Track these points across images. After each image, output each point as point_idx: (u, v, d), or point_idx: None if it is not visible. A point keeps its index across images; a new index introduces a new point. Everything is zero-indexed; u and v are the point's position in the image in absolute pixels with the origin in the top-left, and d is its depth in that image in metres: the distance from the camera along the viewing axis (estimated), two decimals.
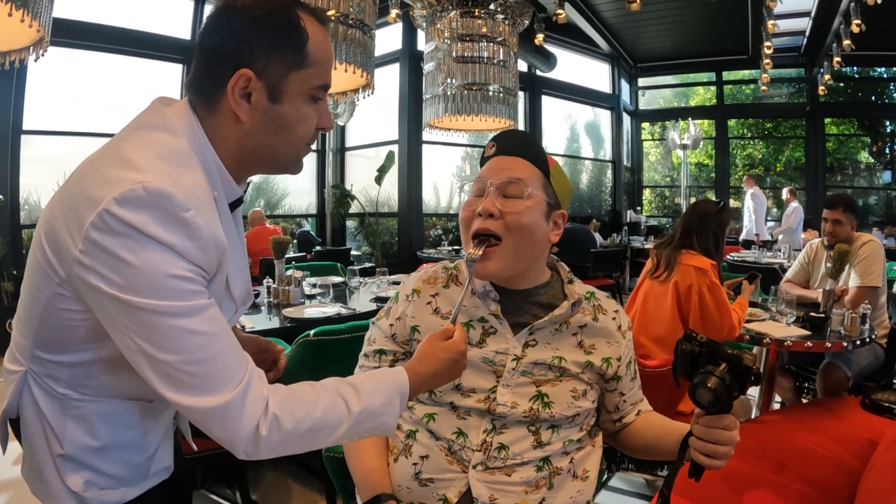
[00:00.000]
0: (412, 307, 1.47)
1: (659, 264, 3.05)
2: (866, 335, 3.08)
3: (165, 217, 0.97)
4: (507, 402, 1.35)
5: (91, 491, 1.19)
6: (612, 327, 1.47)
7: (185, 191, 1.00)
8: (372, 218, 10.07)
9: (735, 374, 1.12)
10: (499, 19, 5.47)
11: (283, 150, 1.16)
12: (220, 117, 1.11)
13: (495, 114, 5.42)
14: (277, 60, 1.09)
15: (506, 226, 1.34)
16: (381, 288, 4.25)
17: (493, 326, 1.41)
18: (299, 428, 1.04)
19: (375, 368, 1.45)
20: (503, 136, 1.48)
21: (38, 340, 1.12)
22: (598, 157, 13.50)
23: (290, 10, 1.11)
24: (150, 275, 0.96)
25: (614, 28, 11.28)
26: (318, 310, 3.48)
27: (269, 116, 1.11)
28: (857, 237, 3.62)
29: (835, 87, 12.43)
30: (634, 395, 1.53)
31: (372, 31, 3.86)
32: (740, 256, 7.25)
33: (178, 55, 8.60)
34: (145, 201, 0.96)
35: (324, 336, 2.57)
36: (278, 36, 1.09)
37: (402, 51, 9.65)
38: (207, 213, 1.04)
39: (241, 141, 1.12)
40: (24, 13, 2.69)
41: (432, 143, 9.61)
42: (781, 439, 2.58)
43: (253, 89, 1.08)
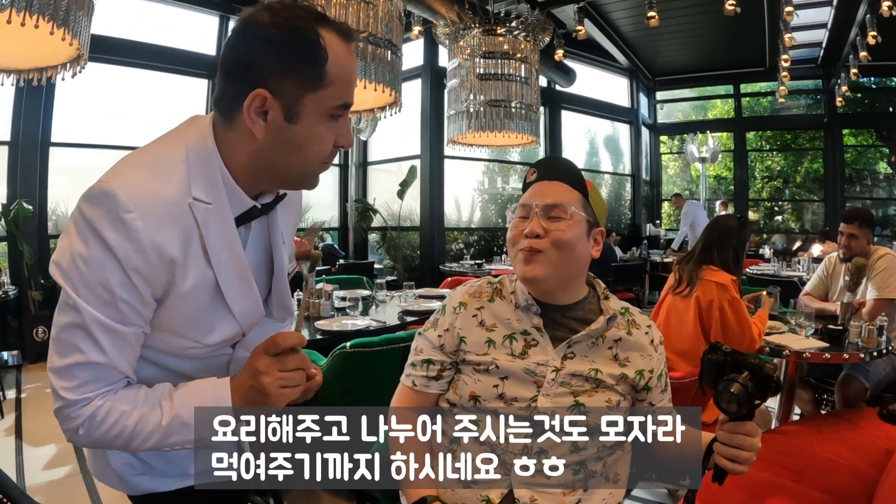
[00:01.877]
0: (459, 319, 1.58)
1: (681, 280, 3.15)
2: (883, 347, 3.13)
3: (110, 217, 1.05)
4: (548, 410, 1.45)
5: (128, 473, 1.35)
6: (644, 341, 1.58)
7: (135, 195, 1.07)
8: (394, 232, 10.15)
9: (756, 382, 1.21)
10: (520, 37, 5.59)
11: (296, 169, 1.18)
12: (236, 132, 1.14)
13: (517, 130, 5.53)
14: (294, 81, 1.10)
15: (550, 242, 1.48)
16: (408, 301, 4.34)
17: (535, 339, 1.52)
18: (110, 435, 1.13)
19: (424, 377, 1.57)
20: (543, 162, 1.61)
21: None
22: (617, 171, 13.53)
23: (309, 28, 1.11)
24: (88, 273, 1.07)
25: (632, 43, 11.35)
26: (349, 322, 3.59)
27: (284, 136, 1.13)
28: (874, 250, 3.68)
29: (852, 97, 12.38)
30: (664, 408, 1.61)
31: (399, 50, 3.99)
32: (760, 270, 7.28)
33: (202, 70, 8.72)
34: (98, 199, 1.06)
35: (359, 348, 2.68)
36: (296, 57, 1.10)
37: (424, 66, 9.74)
38: (158, 221, 1.08)
39: (254, 156, 1.15)
40: (65, 31, 2.82)
41: (454, 157, 9.69)
42: (800, 449, 2.65)
43: (269, 108, 1.10)
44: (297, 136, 1.13)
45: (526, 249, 1.50)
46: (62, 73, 3.34)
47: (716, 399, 1.25)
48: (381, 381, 1.74)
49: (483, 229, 11.36)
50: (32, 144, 7.03)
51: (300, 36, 1.10)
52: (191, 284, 1.15)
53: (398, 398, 1.62)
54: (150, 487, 1.37)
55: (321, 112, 1.13)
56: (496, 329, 1.54)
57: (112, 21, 7.60)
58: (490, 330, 1.55)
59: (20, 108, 6.98)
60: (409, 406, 1.59)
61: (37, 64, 3.28)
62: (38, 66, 3.31)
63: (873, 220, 3.82)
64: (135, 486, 1.37)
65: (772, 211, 13.86)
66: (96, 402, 1.12)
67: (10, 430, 4.41)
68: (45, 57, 3.21)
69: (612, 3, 9.39)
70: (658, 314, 3.26)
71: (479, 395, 1.49)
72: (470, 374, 1.52)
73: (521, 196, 1.60)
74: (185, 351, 1.23)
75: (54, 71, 3.33)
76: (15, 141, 7.01)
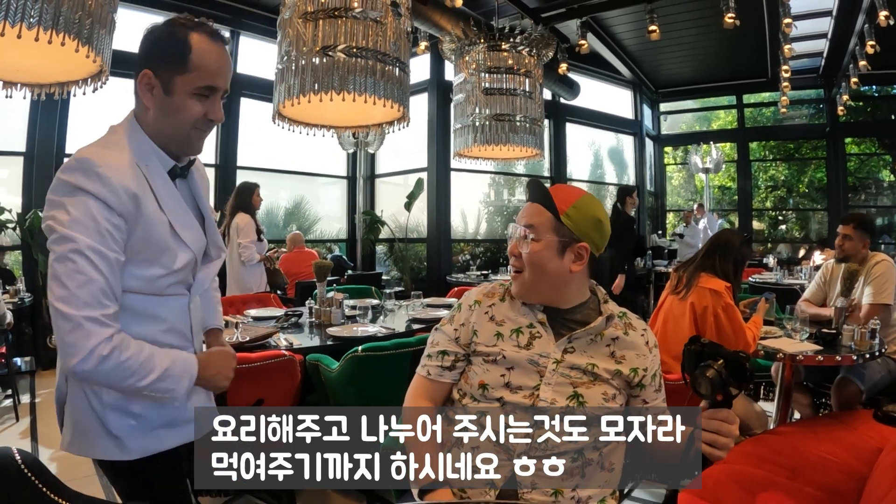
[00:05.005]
0: (474, 315, 1.77)
1: (680, 281, 3.29)
2: (876, 350, 3.23)
3: (87, 173, 1.45)
4: (548, 399, 1.60)
5: (128, 432, 1.59)
6: (640, 342, 1.72)
7: (100, 158, 1.48)
8: (401, 243, 10.26)
9: (731, 370, 1.33)
10: (524, 52, 5.71)
11: (175, 130, 1.60)
12: (142, 107, 1.60)
13: (522, 143, 5.62)
14: (167, 66, 1.55)
15: (526, 262, 1.70)
16: (416, 310, 4.45)
17: (539, 332, 1.69)
18: (115, 368, 1.43)
19: (438, 367, 1.75)
20: (529, 184, 1.80)
21: None
22: (621, 182, 13.54)
23: (180, 31, 1.56)
24: (73, 211, 1.44)
25: (636, 55, 11.44)
26: (359, 328, 3.71)
27: (164, 105, 1.57)
28: (872, 256, 3.77)
29: (854, 106, 12.44)
30: (657, 406, 1.74)
31: (407, 67, 4.11)
32: (762, 278, 7.36)
33: None
34: (76, 165, 1.46)
35: (371, 352, 2.81)
36: (167, 49, 1.55)
37: (431, 81, 9.86)
38: (120, 172, 1.49)
39: (153, 123, 1.60)
40: (89, 49, 2.95)
41: (460, 170, 9.80)
42: (795, 448, 2.74)
43: (153, 84, 1.56)
44: (172, 105, 1.57)
45: (511, 265, 1.76)
46: (83, 88, 3.46)
47: (692, 384, 1.38)
48: (392, 384, 1.87)
49: (489, 241, 11.46)
50: (48, 155, 7.17)
51: (172, 36, 1.55)
52: (150, 214, 1.54)
53: (413, 388, 1.79)
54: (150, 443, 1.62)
55: (188, 90, 1.56)
56: (504, 324, 1.72)
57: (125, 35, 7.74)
58: (499, 325, 1.73)
59: (36, 119, 7.14)
60: (423, 395, 1.76)
61: (59, 79, 3.40)
62: (59, 81, 3.43)
63: (871, 226, 3.92)
64: (134, 448, 1.60)
65: (776, 220, 13.90)
66: (114, 333, 1.45)
67: (26, 433, 4.55)
68: (68, 72, 3.32)
69: (614, 17, 9.47)
70: (657, 318, 3.39)
71: (487, 384, 1.65)
72: (480, 364, 1.69)
73: None
74: (158, 281, 1.60)
75: (75, 85, 3.45)
76: (30, 152, 7.16)
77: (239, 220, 5.70)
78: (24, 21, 2.70)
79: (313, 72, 3.65)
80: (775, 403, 3.73)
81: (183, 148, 1.67)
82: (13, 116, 7.28)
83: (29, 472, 1.49)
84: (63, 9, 2.80)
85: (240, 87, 8.94)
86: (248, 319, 3.94)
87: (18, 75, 3.35)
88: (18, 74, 3.34)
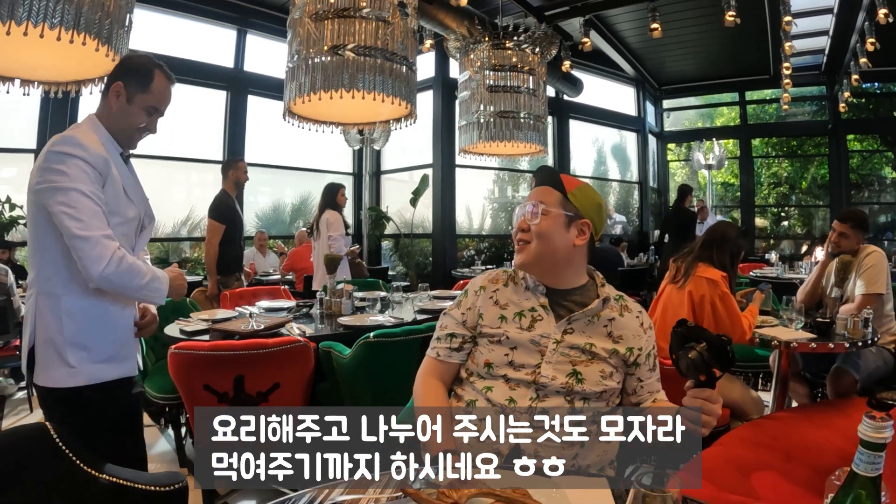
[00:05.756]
0: (480, 300, 1.90)
1: (678, 271, 3.40)
2: (869, 338, 3.32)
3: (73, 145, 2.04)
4: (549, 375, 1.72)
5: (87, 365, 2.09)
6: (635, 324, 1.84)
7: (80, 136, 2.09)
8: (407, 239, 10.36)
9: (713, 352, 1.40)
10: (527, 50, 5.79)
11: (124, 128, 2.24)
12: (105, 107, 2.23)
13: (526, 140, 5.70)
14: (134, 85, 2.21)
15: (534, 234, 1.81)
16: (423, 301, 4.55)
17: (540, 315, 1.81)
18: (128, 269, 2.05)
19: (447, 348, 1.88)
20: (538, 170, 1.96)
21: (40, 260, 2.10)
22: (624, 179, 13.67)
23: (150, 65, 2.25)
24: (70, 171, 2.01)
25: (638, 53, 11.52)
26: (369, 318, 3.81)
27: (123, 109, 2.22)
28: (863, 248, 3.84)
29: (857, 103, 12.49)
30: (652, 385, 1.85)
31: (414, 65, 4.20)
32: (763, 273, 7.45)
33: (221, 82, 8.99)
34: (63, 141, 2.05)
35: (382, 338, 2.93)
36: (138, 75, 2.22)
37: (436, 78, 9.97)
38: (94, 145, 2.10)
39: (111, 119, 2.22)
40: (108, 48, 3.04)
41: (465, 166, 9.90)
42: (791, 433, 2.83)
43: (120, 93, 2.19)
44: (129, 111, 2.23)
45: (518, 241, 1.86)
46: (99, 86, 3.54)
47: (676, 364, 1.47)
48: (402, 370, 1.98)
49: (493, 236, 11.55)
50: None
51: (143, 67, 2.24)
52: (113, 175, 2.14)
53: (424, 368, 1.92)
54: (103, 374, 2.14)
55: (142, 105, 2.23)
56: (508, 308, 1.85)
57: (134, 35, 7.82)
58: (503, 308, 1.85)
59: (46, 117, 7.29)
60: (433, 374, 1.89)
61: (76, 77, 3.48)
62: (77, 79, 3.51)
63: (867, 224, 3.99)
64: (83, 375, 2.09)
65: (778, 217, 13.95)
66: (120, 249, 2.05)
67: None
68: (86, 70, 3.40)
69: (617, 15, 9.56)
70: (656, 306, 3.49)
71: (492, 363, 1.78)
72: (485, 345, 1.82)
73: None
74: (120, 227, 2.16)
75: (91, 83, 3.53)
76: (41, 149, 7.24)
77: (328, 216, 5.96)
78: (47, 21, 2.79)
79: (323, 70, 3.74)
80: (772, 392, 3.82)
81: (127, 142, 2.29)
82: (23, 115, 7.41)
83: (63, 446, 1.60)
84: (84, 9, 2.88)
85: (247, 85, 9.06)
86: (260, 310, 4.04)
87: (37, 73, 3.43)
88: (37, 72, 3.42)
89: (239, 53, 9.17)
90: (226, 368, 2.81)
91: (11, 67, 3.18)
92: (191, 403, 2.91)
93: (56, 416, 2.12)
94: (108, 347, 2.17)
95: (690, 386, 1.48)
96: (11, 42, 2.76)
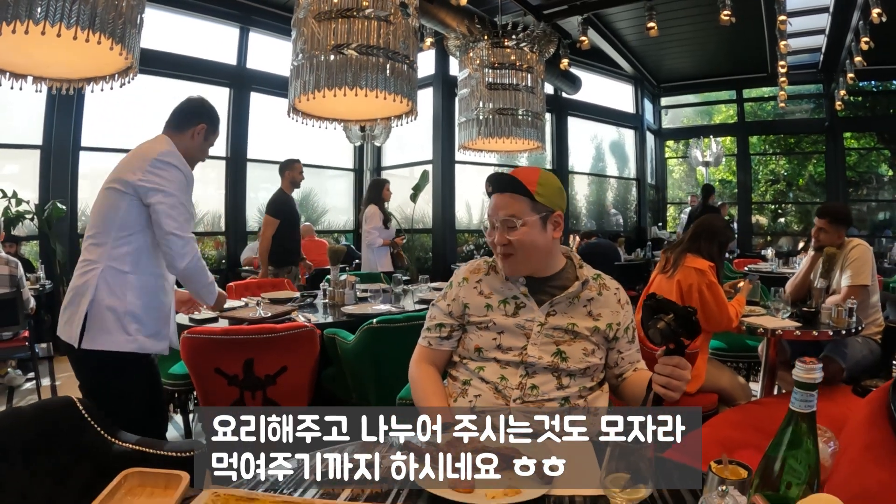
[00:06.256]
0: (463, 291, 2.01)
1: (667, 261, 3.53)
2: (853, 327, 3.45)
3: (176, 159, 2.62)
4: (535, 356, 1.85)
5: (139, 336, 2.53)
6: (613, 300, 1.98)
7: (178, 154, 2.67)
8: (407, 234, 10.45)
9: (680, 322, 1.49)
10: (526, 48, 5.89)
11: (195, 156, 2.84)
12: (184, 136, 2.78)
13: (524, 136, 5.79)
14: (210, 126, 2.85)
15: (516, 245, 1.87)
16: (423, 293, 4.67)
17: (523, 302, 1.93)
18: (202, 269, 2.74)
19: (437, 337, 2.01)
20: (493, 178, 1.96)
21: (114, 239, 2.52)
22: (622, 176, 13.72)
23: (217, 115, 2.90)
24: (174, 180, 2.57)
25: (637, 51, 11.58)
26: (372, 307, 3.95)
27: (200, 142, 2.83)
28: (848, 242, 3.96)
29: (854, 101, 12.56)
30: (632, 356, 1.99)
31: (415, 63, 4.30)
32: (757, 268, 7.56)
33: (224, 79, 9.02)
34: (169, 153, 2.62)
35: (385, 324, 3.07)
36: (214, 120, 2.87)
37: (436, 76, 10.04)
38: (187, 166, 2.67)
39: (185, 147, 2.75)
40: (121, 47, 3.14)
41: (465, 162, 9.95)
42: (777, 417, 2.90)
43: (201, 131, 2.82)
44: (202, 147, 2.86)
45: (501, 255, 1.92)
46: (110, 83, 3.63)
47: (645, 333, 1.57)
48: (404, 355, 2.08)
49: None
50: (64, 149, 7.44)
51: (216, 115, 2.91)
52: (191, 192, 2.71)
53: (417, 355, 2.07)
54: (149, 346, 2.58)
55: (211, 142, 2.88)
56: (492, 296, 1.97)
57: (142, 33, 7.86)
58: (487, 297, 1.98)
59: (52, 114, 7.38)
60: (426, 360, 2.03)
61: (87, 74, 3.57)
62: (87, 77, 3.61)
63: (847, 219, 4.09)
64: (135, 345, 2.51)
65: (776, 214, 14.02)
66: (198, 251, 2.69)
67: None
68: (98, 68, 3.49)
69: (615, 14, 9.62)
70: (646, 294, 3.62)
71: (481, 347, 1.92)
72: (474, 332, 1.95)
73: None
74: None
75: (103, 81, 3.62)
76: (47, 145, 7.39)
77: (368, 210, 6.47)
78: (64, 21, 2.89)
79: (327, 68, 3.83)
80: (760, 380, 3.94)
81: (192, 165, 2.79)
82: (29, 111, 7.48)
83: (89, 418, 1.72)
84: (99, 10, 2.98)
85: (250, 83, 9.14)
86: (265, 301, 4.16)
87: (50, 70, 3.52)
88: (50, 70, 3.51)
89: (242, 51, 9.22)
90: (236, 352, 2.95)
91: (25, 65, 3.23)
92: (201, 386, 3.04)
93: (98, 376, 2.54)
94: (154, 324, 2.60)
95: (660, 354, 1.58)
96: (27, 40, 2.83)
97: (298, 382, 3.10)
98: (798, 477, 1.02)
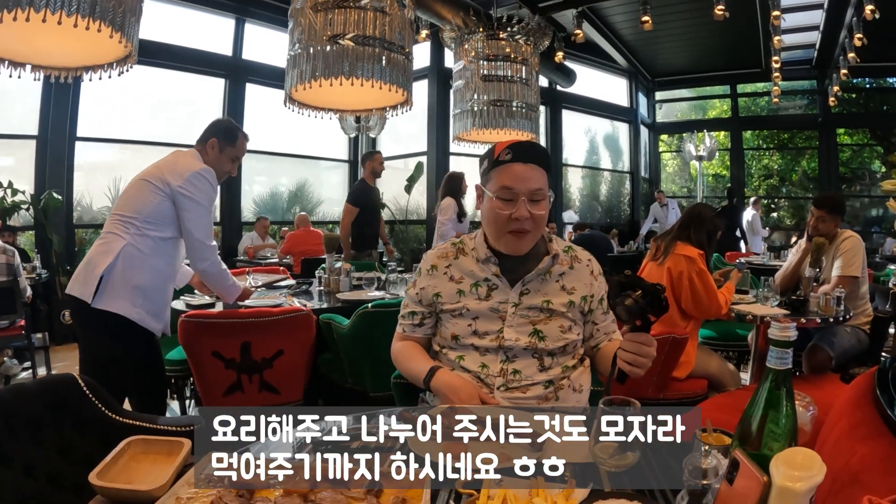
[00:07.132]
0: (434, 280, 1.95)
1: (658, 249, 3.59)
2: (841, 315, 3.51)
3: (212, 177, 2.99)
4: (512, 338, 1.82)
5: (142, 311, 2.80)
6: (586, 272, 1.95)
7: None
8: (401, 225, 10.50)
9: (648, 299, 1.47)
10: (520, 41, 5.92)
11: (219, 169, 3.08)
12: (206, 150, 3.09)
13: (519, 128, 5.82)
14: (225, 140, 3.11)
15: (534, 222, 1.80)
16: None
17: (495, 284, 1.88)
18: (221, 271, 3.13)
19: (411, 324, 1.99)
20: (524, 146, 1.84)
21: (143, 223, 2.82)
22: (616, 169, 13.81)
23: (236, 129, 3.17)
24: (207, 193, 2.96)
25: (631, 45, 11.65)
26: (366, 294, 4.01)
27: (218, 156, 3.10)
28: (841, 233, 4.01)
29: (847, 98, 12.65)
30: (607, 327, 1.98)
31: (411, 54, 4.34)
32: (749, 260, 7.62)
33: (220, 70, 9.07)
34: (206, 172, 2.97)
35: (380, 308, 3.12)
36: (229, 134, 3.14)
37: (431, 67, 10.10)
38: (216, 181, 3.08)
39: (211, 162, 3.05)
40: (121, 35, 3.16)
41: (459, 154, 9.95)
42: None
43: (216, 145, 3.08)
44: (221, 158, 3.11)
45: (516, 231, 1.80)
46: (108, 72, 3.65)
47: (613, 309, 1.56)
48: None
49: None
50: (60, 139, 7.45)
51: (234, 129, 3.18)
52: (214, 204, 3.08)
53: (395, 341, 2.05)
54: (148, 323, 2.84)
55: (229, 155, 3.13)
56: (463, 281, 1.91)
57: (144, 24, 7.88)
58: (459, 282, 1.92)
59: (48, 103, 7.39)
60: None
61: (86, 63, 3.59)
62: (87, 65, 3.62)
63: (843, 207, 4.15)
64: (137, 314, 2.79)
65: (769, 208, 14.08)
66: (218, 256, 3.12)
67: None
68: (97, 56, 3.51)
69: (610, 7, 9.68)
70: None
71: (458, 335, 1.88)
72: (449, 320, 1.91)
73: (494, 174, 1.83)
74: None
75: (101, 69, 3.64)
76: (43, 135, 7.41)
77: (444, 202, 6.41)
78: (65, 9, 2.91)
79: (324, 58, 3.87)
80: (750, 368, 4.00)
81: (220, 178, 3.11)
82: (25, 102, 7.50)
83: (90, 394, 1.76)
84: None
85: (245, 73, 9.17)
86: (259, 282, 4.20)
87: (50, 59, 3.53)
88: (50, 58, 3.53)
89: (237, 42, 9.27)
90: (233, 335, 3.00)
91: (25, 53, 3.25)
92: (199, 370, 3.08)
93: (100, 336, 2.83)
94: (156, 305, 2.90)
95: (627, 330, 1.56)
96: (27, 28, 2.84)
97: (295, 366, 3.15)
98: (778, 440, 1.06)
